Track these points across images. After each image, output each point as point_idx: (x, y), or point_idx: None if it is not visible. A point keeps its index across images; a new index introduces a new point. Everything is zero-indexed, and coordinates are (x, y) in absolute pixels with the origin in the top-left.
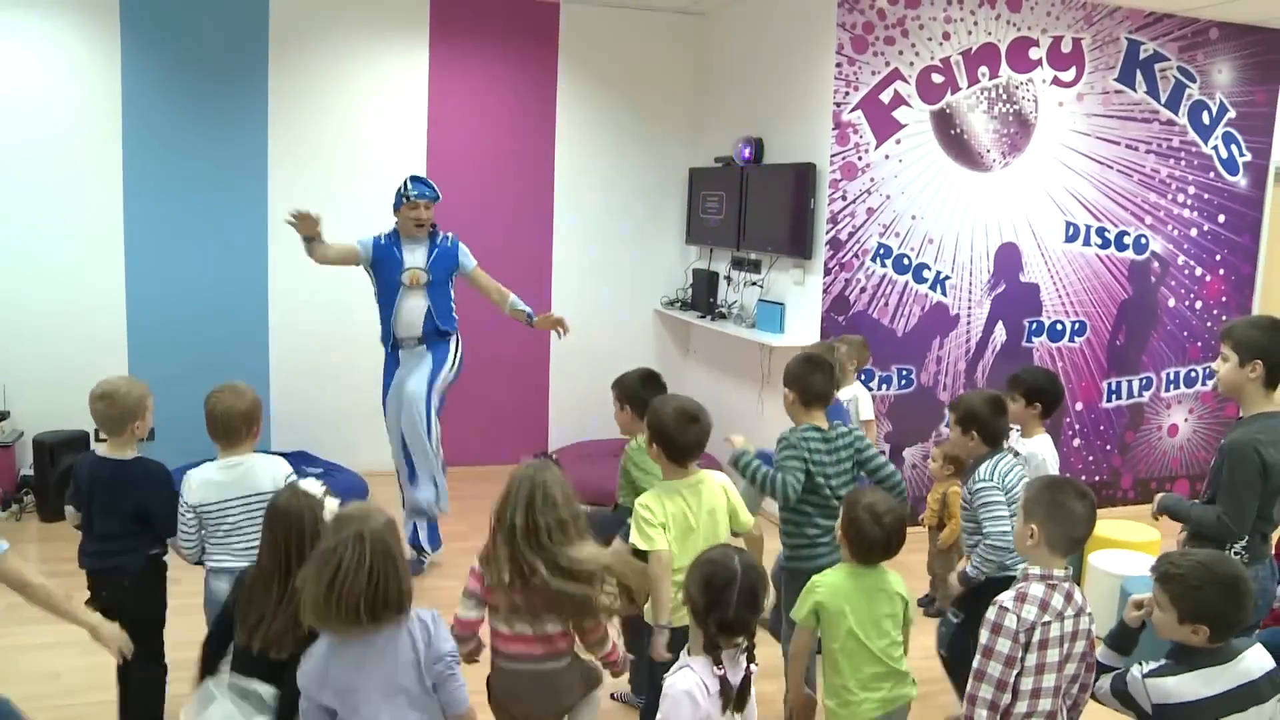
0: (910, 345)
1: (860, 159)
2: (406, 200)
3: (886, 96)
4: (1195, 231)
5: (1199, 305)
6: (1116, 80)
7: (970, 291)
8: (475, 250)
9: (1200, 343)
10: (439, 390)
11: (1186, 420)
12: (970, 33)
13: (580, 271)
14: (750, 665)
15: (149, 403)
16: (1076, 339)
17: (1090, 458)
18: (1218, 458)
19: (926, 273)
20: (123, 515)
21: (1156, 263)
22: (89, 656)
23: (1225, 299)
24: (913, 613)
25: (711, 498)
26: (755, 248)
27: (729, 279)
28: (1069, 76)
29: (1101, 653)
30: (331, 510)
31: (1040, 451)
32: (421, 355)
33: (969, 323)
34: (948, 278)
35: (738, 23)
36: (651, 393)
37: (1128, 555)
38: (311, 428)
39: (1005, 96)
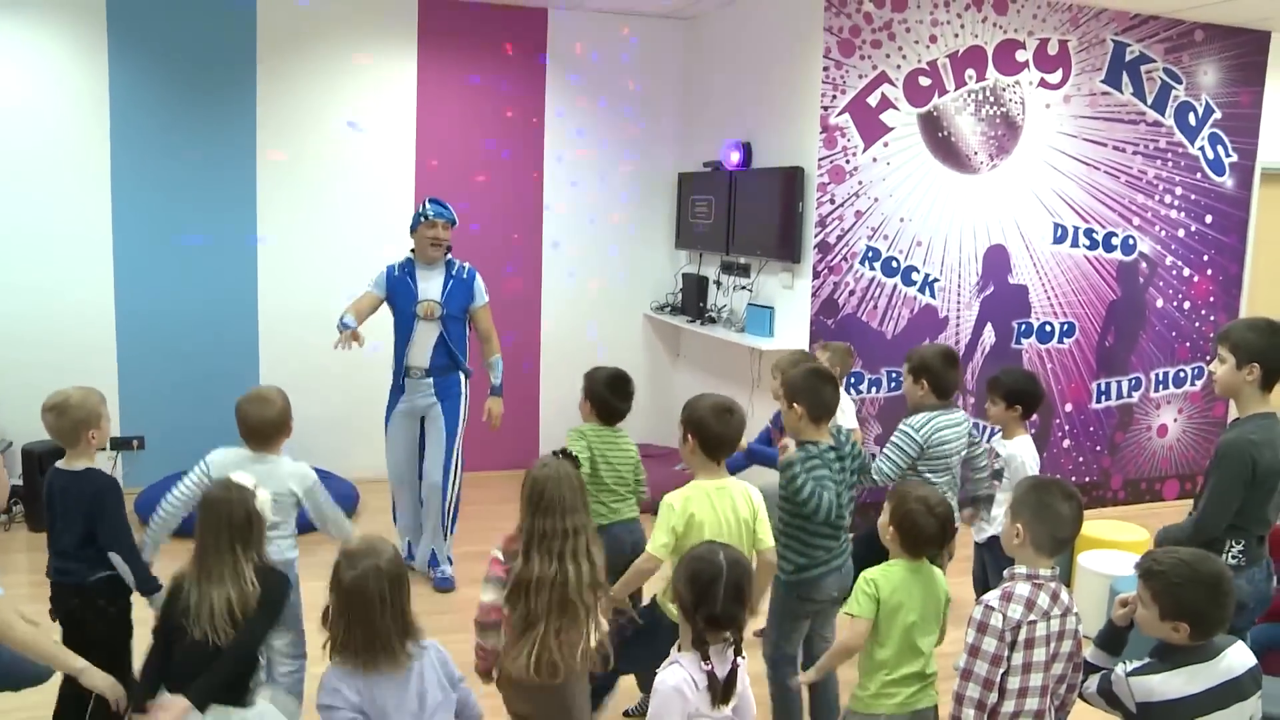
0: (900, 348)
1: (848, 162)
2: (425, 219)
3: (874, 100)
4: (1183, 232)
5: (1187, 306)
6: (1103, 82)
7: (959, 293)
8: (464, 254)
9: (1189, 343)
10: (456, 460)
11: (1175, 420)
12: (957, 35)
13: (570, 276)
14: (738, 658)
15: (103, 411)
16: (1065, 340)
17: (1080, 458)
18: (1213, 457)
19: (915, 275)
20: (75, 528)
21: (1144, 263)
22: None
23: (1213, 299)
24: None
25: (740, 507)
26: (744, 252)
27: (718, 283)
28: (1056, 78)
29: (1091, 653)
30: (264, 502)
31: (1021, 453)
32: (428, 397)
33: (958, 325)
34: (936, 280)
35: (725, 27)
36: (615, 397)
37: (1117, 555)
38: (301, 434)
39: (992, 99)
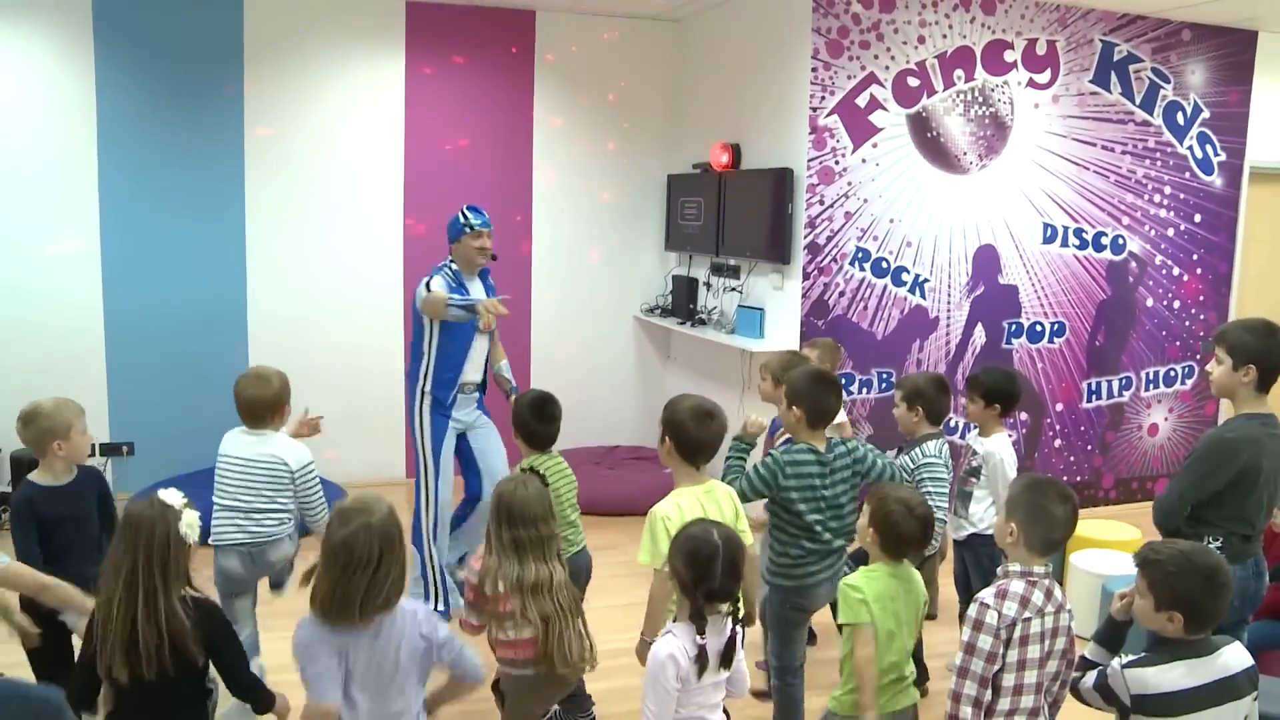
0: (890, 348)
1: (837, 163)
2: (470, 230)
3: (863, 100)
4: (1172, 231)
5: (1177, 305)
6: (1091, 82)
7: (949, 294)
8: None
9: (1179, 342)
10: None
11: (1166, 419)
12: (945, 36)
13: (560, 279)
14: (735, 627)
15: (76, 423)
16: (1056, 340)
17: (1071, 458)
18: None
19: (905, 276)
20: (31, 545)
21: (1134, 263)
22: None
23: (1203, 298)
24: (926, 612)
25: (727, 508)
26: (734, 253)
27: (708, 285)
28: (1044, 79)
29: (1090, 650)
30: (190, 524)
31: (998, 451)
32: (477, 411)
33: (948, 325)
34: (926, 280)
35: (713, 29)
36: (538, 422)
37: (1109, 555)
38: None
39: (981, 99)
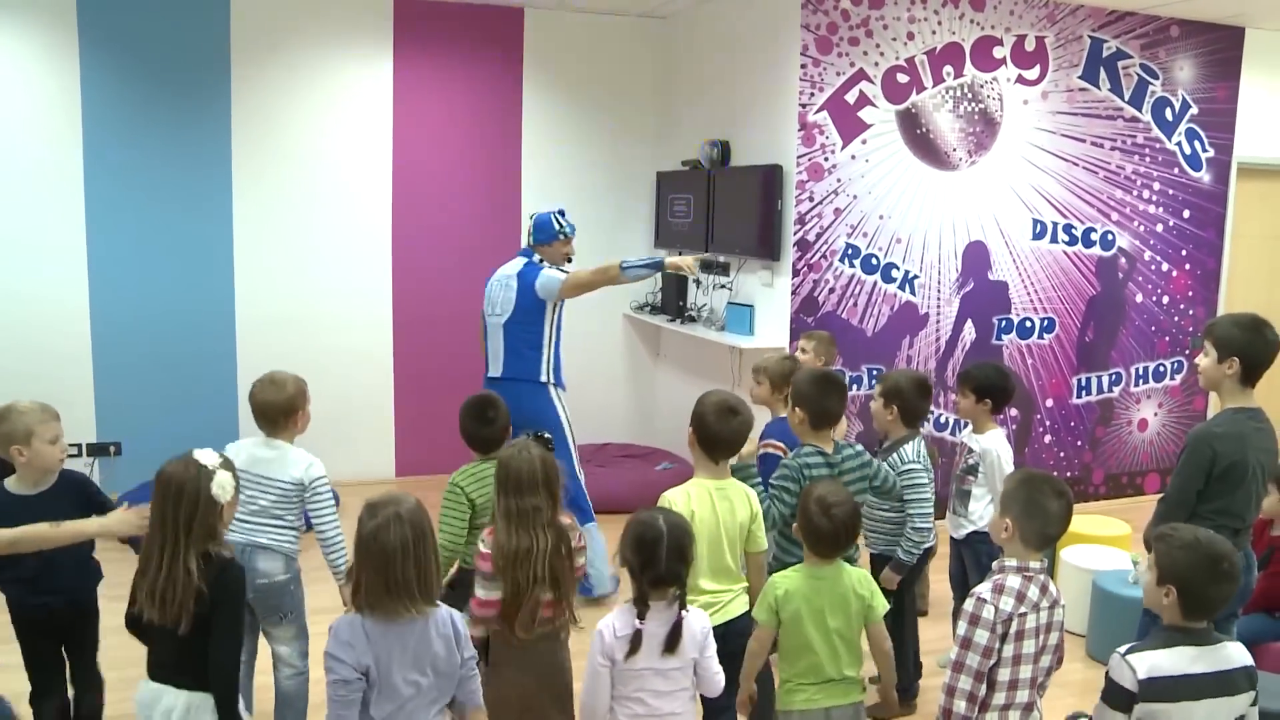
0: (880, 345)
1: (827, 160)
2: (564, 235)
3: (852, 97)
4: (1161, 227)
5: (1166, 300)
6: (1080, 78)
7: (939, 290)
8: (443, 255)
9: (1168, 337)
10: None
11: (1156, 414)
12: (934, 32)
13: None
14: (682, 611)
15: (42, 431)
16: (1046, 336)
17: (1061, 453)
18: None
19: (895, 272)
20: None
21: (1123, 259)
22: None
23: (1192, 293)
24: (881, 612)
25: (740, 508)
26: (724, 250)
27: (698, 282)
28: (1033, 75)
29: None
30: (222, 484)
31: (994, 448)
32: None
33: (938, 321)
34: (916, 277)
35: (702, 26)
36: (483, 427)
37: (1100, 550)
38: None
39: (970, 95)
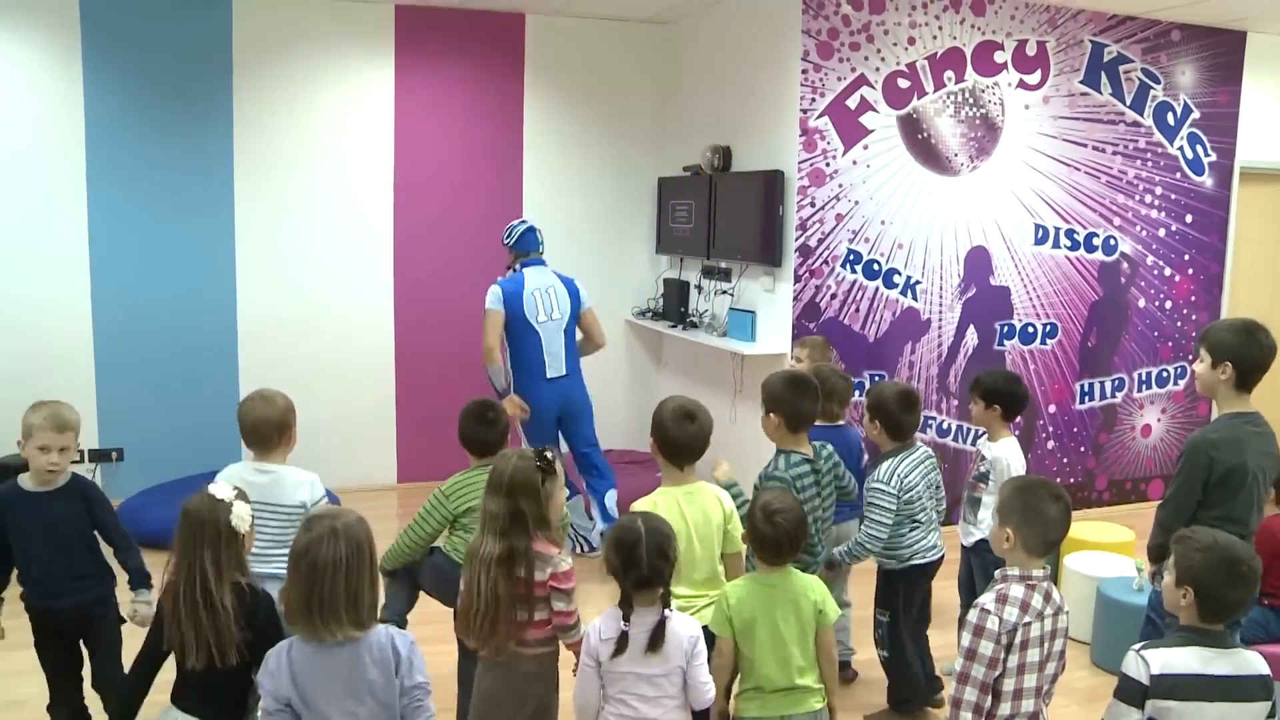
0: (882, 351)
1: (828, 165)
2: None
3: (853, 102)
4: (1163, 232)
5: (1169, 305)
6: (1082, 83)
7: (941, 296)
8: (444, 262)
9: (1171, 343)
10: None
11: (1159, 420)
12: (935, 37)
13: None
14: (665, 610)
15: (39, 436)
16: (1048, 341)
17: (1064, 459)
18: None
19: (897, 278)
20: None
21: (1126, 264)
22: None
23: (1194, 298)
24: (832, 618)
25: (711, 510)
26: (725, 256)
27: (700, 288)
28: (1034, 79)
29: None
30: (240, 515)
31: (1006, 456)
32: None
33: (940, 327)
34: (918, 282)
35: (703, 31)
36: (484, 429)
37: (1103, 557)
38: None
39: (972, 100)
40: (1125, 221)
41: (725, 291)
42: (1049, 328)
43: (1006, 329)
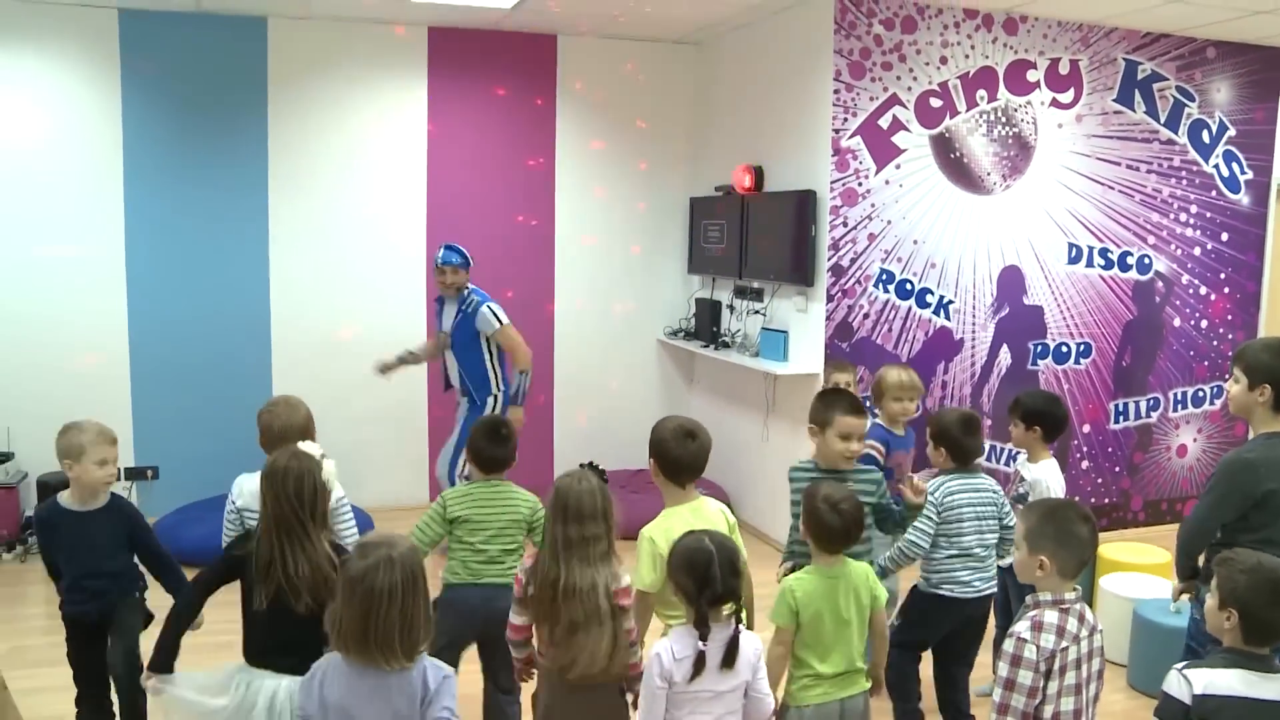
0: (915, 370)
1: (860, 185)
2: (436, 266)
3: (885, 122)
4: (1199, 250)
5: (1205, 324)
6: (1115, 101)
7: (974, 315)
8: (477, 282)
9: (1207, 362)
10: (459, 473)
11: (1195, 440)
12: (968, 56)
13: (583, 302)
14: (739, 625)
15: (93, 451)
16: (1082, 361)
17: (1099, 480)
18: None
19: (930, 297)
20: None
21: (1160, 283)
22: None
23: (1231, 317)
24: (884, 600)
25: (719, 524)
26: (757, 276)
27: (732, 308)
28: (1067, 98)
29: None
30: (330, 473)
31: (1045, 478)
32: (463, 414)
33: (973, 346)
34: (951, 302)
35: (734, 51)
36: (495, 446)
37: (1140, 578)
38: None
39: (1004, 119)
40: (1160, 240)
41: (757, 311)
42: (1083, 347)
43: (1040, 348)
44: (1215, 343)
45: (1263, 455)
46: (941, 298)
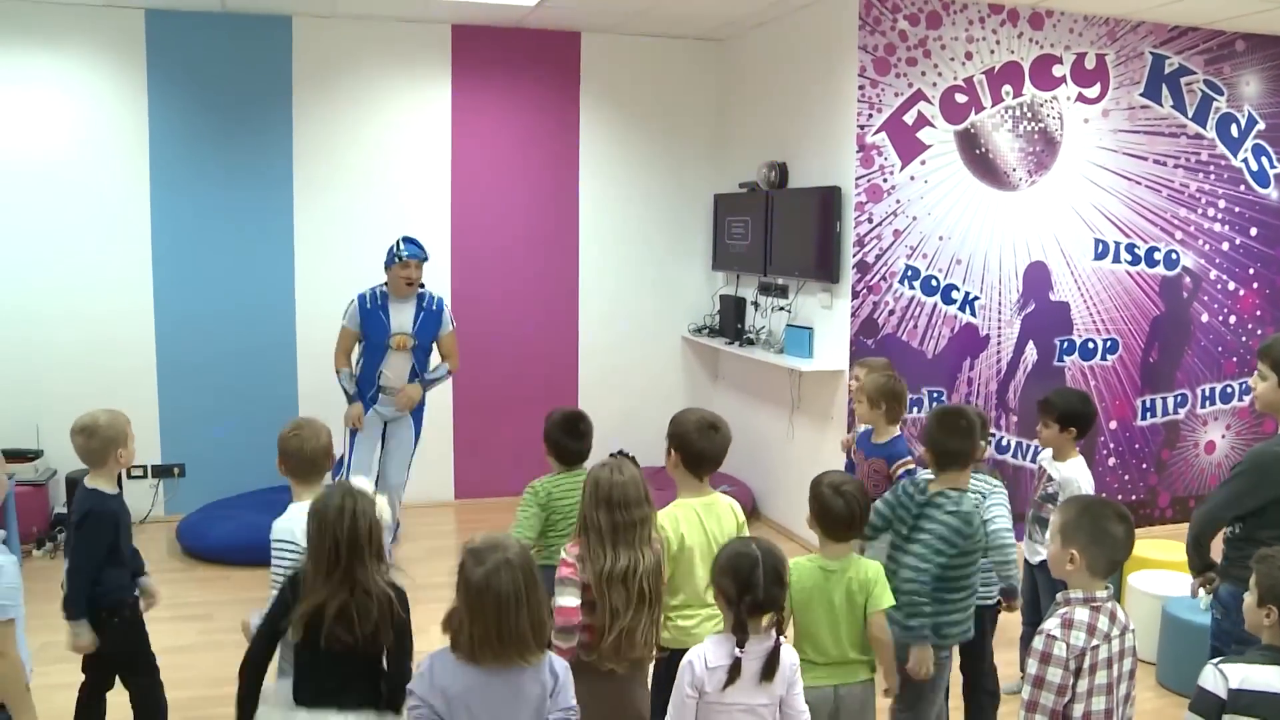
0: (940, 367)
1: (885, 181)
2: (399, 260)
3: (910, 118)
4: (1227, 245)
5: (1233, 320)
6: (1142, 95)
7: (1000, 311)
8: (501, 280)
9: (1235, 358)
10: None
11: (1224, 436)
12: (993, 52)
13: (607, 299)
14: (780, 637)
15: (130, 430)
16: (1109, 357)
17: (1126, 476)
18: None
19: (955, 293)
20: (102, 550)
21: (1188, 278)
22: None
23: (1260, 313)
24: (884, 604)
25: (728, 522)
26: (782, 272)
27: (756, 304)
28: (1094, 93)
29: None
30: (382, 508)
31: (1075, 476)
32: (404, 426)
33: (999, 343)
34: (977, 298)
35: (759, 47)
36: (567, 438)
37: (1168, 576)
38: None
39: (1030, 115)
40: (1187, 235)
41: (782, 308)
42: (1109, 343)
43: (1066, 345)
44: (1244, 338)
45: None
46: (967, 294)
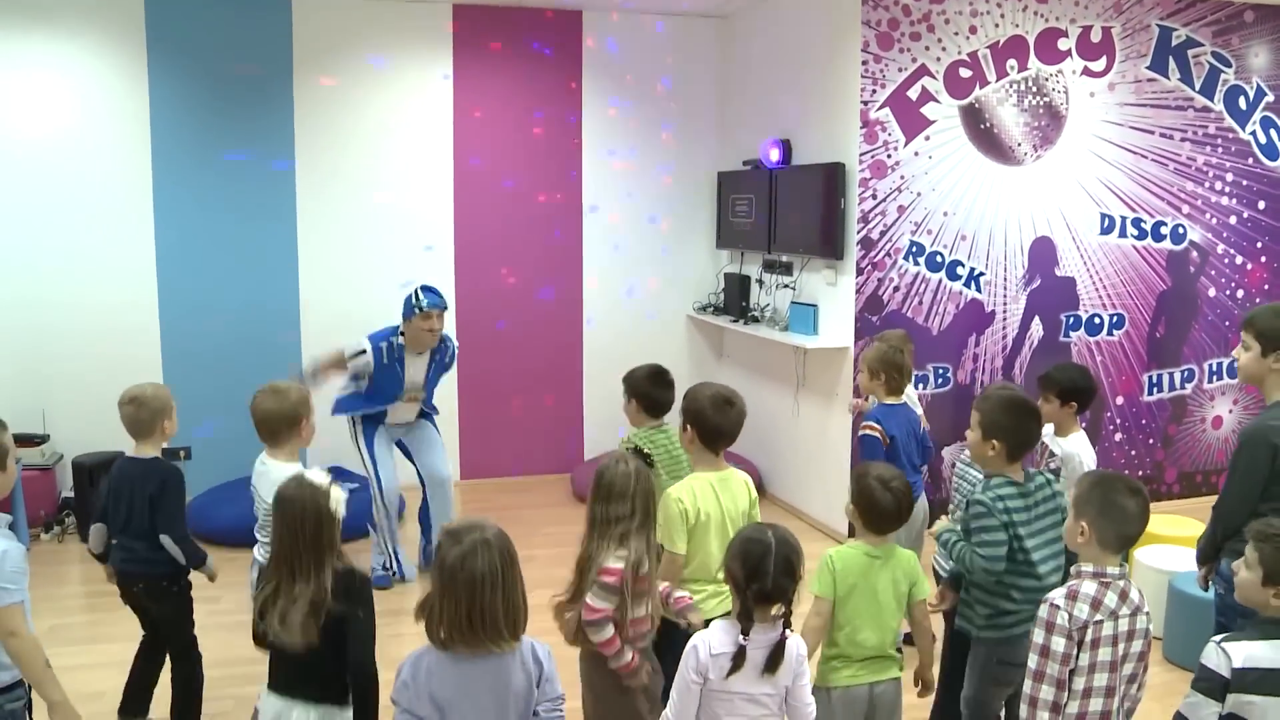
0: (946, 343)
1: (889, 157)
2: (420, 311)
3: (914, 93)
4: (1235, 219)
5: (1240, 294)
6: (1149, 68)
7: (1005, 287)
8: (505, 260)
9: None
10: None
11: (1231, 411)
12: (997, 25)
13: (611, 278)
14: (786, 630)
15: (173, 403)
16: (1115, 332)
17: (1133, 452)
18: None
19: (960, 269)
20: (142, 514)
21: (1195, 252)
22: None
23: (1268, 286)
24: (924, 594)
25: (742, 496)
26: (786, 250)
27: (761, 282)
28: (1099, 66)
29: None
30: (337, 500)
31: (1078, 452)
32: (422, 426)
33: (1005, 319)
34: (982, 274)
35: (761, 24)
36: (659, 389)
37: (1175, 551)
38: (346, 443)
39: (1035, 89)
40: (1194, 209)
41: (787, 285)
42: (1116, 318)
43: (1072, 320)
44: None
45: None
46: (972, 270)
